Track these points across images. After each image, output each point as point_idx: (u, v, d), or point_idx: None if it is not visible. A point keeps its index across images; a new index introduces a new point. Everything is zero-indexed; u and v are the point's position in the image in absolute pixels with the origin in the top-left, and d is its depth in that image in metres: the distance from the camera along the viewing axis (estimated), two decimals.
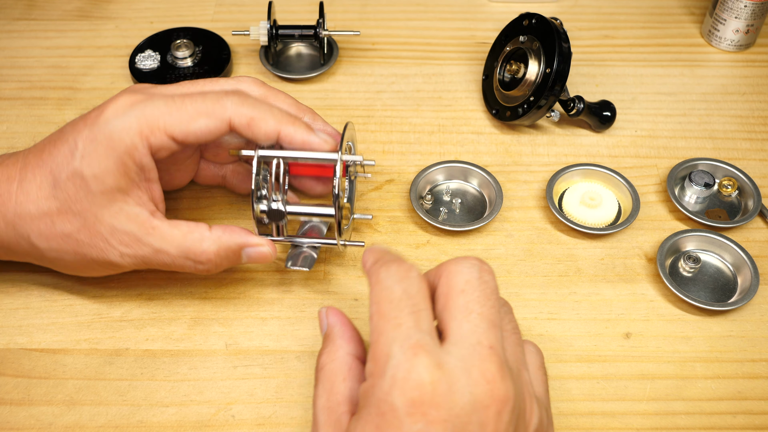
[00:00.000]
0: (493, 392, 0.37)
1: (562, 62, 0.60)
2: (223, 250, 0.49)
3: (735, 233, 0.59)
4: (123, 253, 0.48)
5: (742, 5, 0.69)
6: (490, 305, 0.40)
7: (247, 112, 0.48)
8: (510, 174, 0.63)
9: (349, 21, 0.75)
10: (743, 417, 0.49)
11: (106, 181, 0.46)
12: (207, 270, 0.49)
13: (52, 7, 0.76)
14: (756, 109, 0.68)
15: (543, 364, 0.46)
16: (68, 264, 0.50)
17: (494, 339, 0.38)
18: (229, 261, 0.50)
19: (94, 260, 0.48)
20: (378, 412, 0.36)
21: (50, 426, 0.48)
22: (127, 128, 0.46)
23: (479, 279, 0.40)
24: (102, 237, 0.47)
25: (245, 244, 0.49)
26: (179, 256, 0.48)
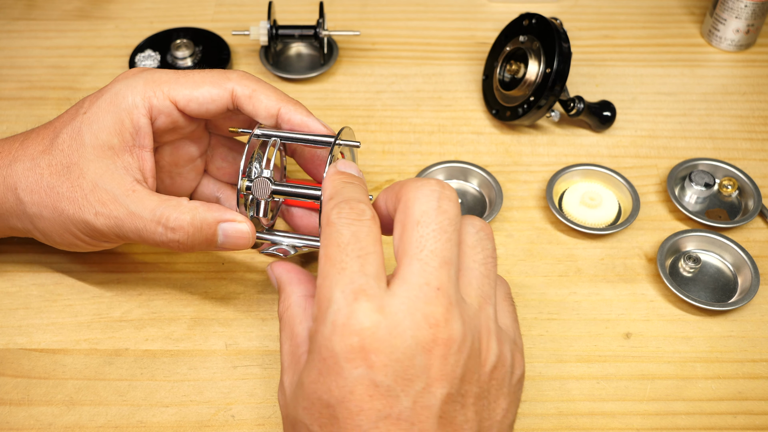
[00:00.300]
0: (436, 335, 0.36)
1: (562, 62, 0.60)
2: (198, 221, 0.47)
3: (735, 233, 0.59)
4: (98, 212, 0.47)
5: (743, 5, 0.69)
6: (445, 239, 0.38)
7: (250, 84, 0.49)
8: (510, 174, 0.63)
9: (349, 21, 0.75)
10: (744, 417, 0.49)
11: (100, 136, 0.47)
12: (179, 243, 0.47)
13: (52, 7, 0.76)
14: (756, 109, 0.68)
15: (509, 294, 0.45)
16: (46, 223, 0.48)
17: (444, 278, 0.38)
18: (203, 236, 0.47)
19: (69, 219, 0.47)
20: (320, 357, 0.37)
21: (50, 426, 0.48)
22: (132, 87, 0.48)
23: (437, 209, 0.39)
24: (82, 192, 0.47)
25: (221, 218, 0.47)
26: (152, 220, 0.46)
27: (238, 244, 0.48)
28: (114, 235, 0.47)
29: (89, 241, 0.49)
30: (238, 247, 0.48)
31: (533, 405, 0.50)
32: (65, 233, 0.48)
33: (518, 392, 0.42)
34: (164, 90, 0.48)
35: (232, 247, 0.48)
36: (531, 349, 0.52)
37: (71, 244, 0.49)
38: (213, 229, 0.47)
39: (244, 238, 0.48)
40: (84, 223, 0.47)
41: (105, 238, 0.48)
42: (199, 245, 0.47)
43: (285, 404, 0.41)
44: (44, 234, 0.49)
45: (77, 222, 0.47)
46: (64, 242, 0.49)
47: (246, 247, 0.48)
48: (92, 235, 0.48)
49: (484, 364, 0.39)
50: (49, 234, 0.49)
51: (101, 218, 0.47)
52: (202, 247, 0.48)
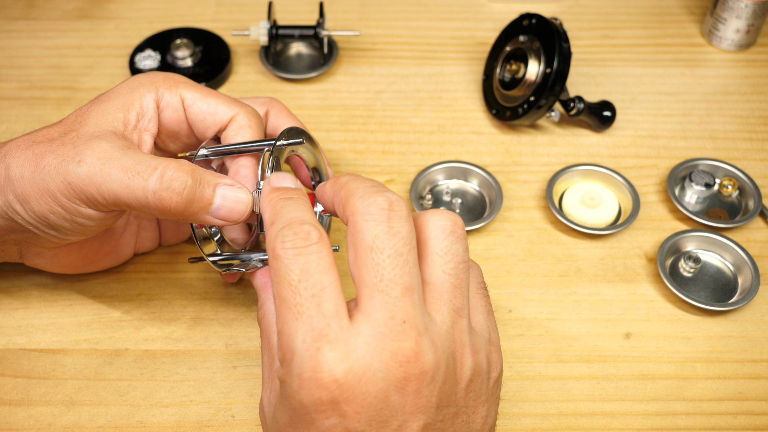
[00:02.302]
0: (407, 372, 0.35)
1: (562, 62, 0.60)
2: (198, 176, 0.43)
3: (735, 233, 0.59)
4: (82, 160, 0.43)
5: (743, 5, 0.69)
6: (402, 263, 0.36)
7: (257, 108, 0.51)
8: (510, 174, 0.63)
9: (349, 21, 0.75)
10: (744, 417, 0.49)
11: (107, 111, 0.46)
12: (173, 198, 0.43)
13: (51, 6, 0.76)
14: (756, 108, 0.68)
15: (482, 282, 0.43)
16: (26, 186, 0.44)
17: (409, 307, 0.36)
18: (200, 194, 0.44)
19: (49, 174, 0.43)
20: (290, 406, 0.36)
21: (49, 426, 0.48)
22: (150, 77, 0.48)
23: (389, 232, 0.37)
24: (72, 145, 0.44)
25: (221, 181, 0.44)
26: (148, 167, 0.43)
27: (233, 211, 0.44)
28: (96, 191, 0.43)
29: (66, 204, 0.44)
30: (232, 215, 0.45)
31: (533, 405, 0.50)
32: (43, 195, 0.44)
33: (496, 393, 0.41)
34: (178, 86, 0.48)
35: (225, 215, 0.44)
36: (531, 349, 0.52)
37: (45, 218, 0.45)
38: (212, 187, 0.44)
39: (242, 203, 0.45)
40: (64, 174, 0.43)
41: (84, 199, 0.44)
42: (193, 205, 0.44)
43: (265, 427, 0.40)
44: (22, 201, 0.45)
45: (57, 175, 0.43)
46: (41, 213, 0.45)
47: (240, 218, 0.45)
48: (70, 193, 0.44)
49: (460, 381, 0.38)
50: (26, 199, 0.44)
51: (84, 166, 0.43)
52: (194, 208, 0.44)
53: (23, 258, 0.51)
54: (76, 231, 0.46)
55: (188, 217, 0.44)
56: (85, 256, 0.52)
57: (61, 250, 0.50)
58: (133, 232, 0.54)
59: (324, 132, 0.65)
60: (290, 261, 0.37)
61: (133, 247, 0.55)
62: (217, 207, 0.44)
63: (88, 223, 0.46)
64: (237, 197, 0.45)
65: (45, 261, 0.51)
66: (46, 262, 0.51)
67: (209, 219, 0.45)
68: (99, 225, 0.47)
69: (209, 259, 0.48)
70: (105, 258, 0.53)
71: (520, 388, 0.50)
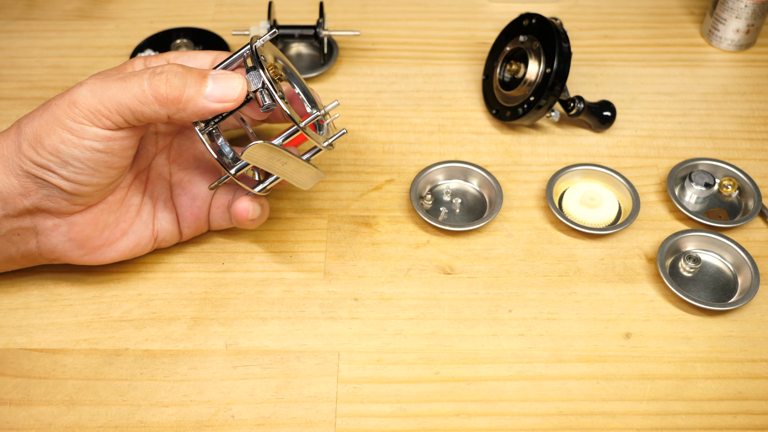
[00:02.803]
0: None
1: (562, 62, 0.60)
2: (188, 67, 0.48)
3: (735, 233, 0.59)
4: (86, 82, 0.47)
5: (743, 5, 0.69)
6: None
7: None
8: (510, 174, 0.63)
9: (349, 21, 0.75)
10: (744, 417, 0.49)
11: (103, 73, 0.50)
12: (166, 86, 0.46)
13: (52, 7, 0.76)
14: (756, 109, 0.68)
15: None
16: (35, 125, 0.47)
17: None
18: (192, 79, 0.47)
19: (57, 104, 0.47)
20: None
21: (50, 426, 0.48)
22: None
23: None
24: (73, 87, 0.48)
25: (212, 71, 0.48)
26: (140, 68, 0.47)
27: (227, 89, 0.47)
28: (97, 101, 0.46)
29: (73, 127, 0.46)
30: (227, 94, 0.47)
31: (533, 405, 0.50)
32: (52, 125, 0.46)
33: None
34: (168, 57, 0.51)
35: (221, 95, 0.47)
36: (531, 349, 0.52)
37: (57, 150, 0.47)
38: (202, 74, 0.47)
39: (234, 81, 0.47)
40: (69, 98, 0.46)
41: (88, 113, 0.46)
42: (187, 89, 0.46)
43: None
44: (34, 144, 0.47)
45: (62, 102, 0.47)
46: (52, 146, 0.46)
47: (236, 97, 0.47)
48: (75, 113, 0.46)
49: None
50: (38, 137, 0.47)
51: (85, 85, 0.47)
52: (190, 92, 0.47)
53: (39, 240, 0.50)
54: (88, 165, 0.47)
55: (186, 106, 0.47)
56: (102, 231, 0.51)
57: (77, 221, 0.50)
58: (149, 212, 0.53)
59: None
60: None
61: (152, 230, 0.54)
62: (211, 89, 0.47)
63: (96, 145, 0.47)
64: (228, 76, 0.47)
65: (62, 239, 0.50)
66: (62, 240, 0.50)
67: (208, 104, 0.47)
68: (107, 151, 0.47)
69: (230, 172, 0.51)
70: (123, 239, 0.52)
71: (520, 388, 0.50)
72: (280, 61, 0.53)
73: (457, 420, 0.49)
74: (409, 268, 0.56)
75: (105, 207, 0.51)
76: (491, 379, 0.51)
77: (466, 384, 0.51)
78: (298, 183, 0.52)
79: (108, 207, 0.51)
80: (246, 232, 0.58)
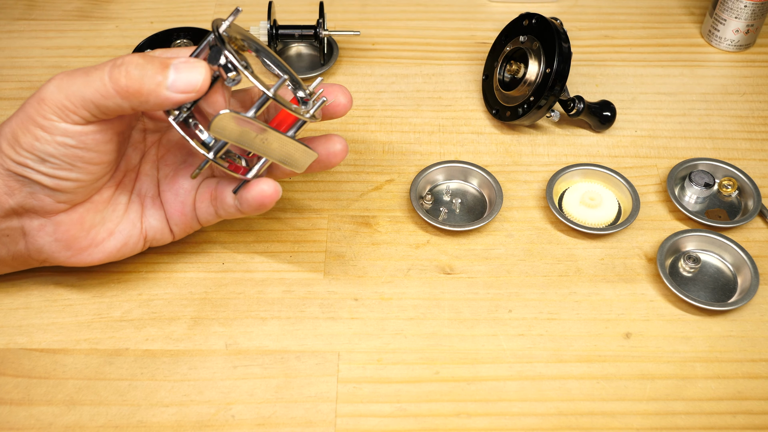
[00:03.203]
0: None
1: (562, 62, 0.60)
2: (149, 56, 0.46)
3: (735, 233, 0.59)
4: (54, 78, 0.46)
5: (742, 5, 0.69)
6: None
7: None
8: (510, 174, 0.63)
9: (349, 21, 0.75)
10: (743, 417, 0.49)
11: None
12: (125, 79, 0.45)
13: (52, 7, 0.76)
14: (756, 109, 0.68)
15: None
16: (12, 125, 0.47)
17: None
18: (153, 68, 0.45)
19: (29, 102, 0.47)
20: None
21: (50, 426, 0.48)
22: None
23: None
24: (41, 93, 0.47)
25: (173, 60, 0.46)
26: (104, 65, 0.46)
27: (190, 80, 0.45)
28: (63, 96, 0.45)
29: (43, 123, 0.46)
30: (190, 84, 0.46)
31: (533, 405, 0.50)
32: (25, 123, 0.46)
33: None
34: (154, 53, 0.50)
35: (184, 86, 0.46)
36: (531, 349, 0.52)
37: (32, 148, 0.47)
38: (163, 63, 0.46)
39: (197, 70, 0.46)
40: (38, 96, 0.46)
41: (56, 108, 0.46)
42: (148, 80, 0.45)
43: None
44: (12, 143, 0.47)
45: (33, 100, 0.46)
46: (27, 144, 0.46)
47: (198, 86, 0.46)
48: (45, 110, 0.46)
49: None
50: (14, 135, 0.47)
51: (52, 82, 0.46)
52: (151, 84, 0.45)
53: (27, 240, 0.50)
54: (65, 161, 0.47)
55: (148, 98, 0.46)
56: (88, 231, 0.50)
57: (63, 220, 0.49)
58: (137, 211, 0.53)
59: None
60: None
61: (140, 229, 0.53)
62: (173, 80, 0.45)
63: (68, 141, 0.46)
64: (190, 65, 0.46)
65: (49, 239, 0.50)
66: (50, 241, 0.50)
67: (171, 95, 0.46)
68: (80, 147, 0.47)
69: (209, 155, 0.49)
70: (110, 239, 0.52)
71: (520, 388, 0.50)
72: (247, 40, 0.51)
73: (457, 420, 0.49)
74: (409, 268, 0.56)
75: (91, 206, 0.50)
76: (491, 379, 0.51)
77: (466, 384, 0.51)
78: (289, 164, 0.50)
79: (94, 206, 0.50)
80: (246, 232, 0.58)
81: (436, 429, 0.49)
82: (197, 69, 0.46)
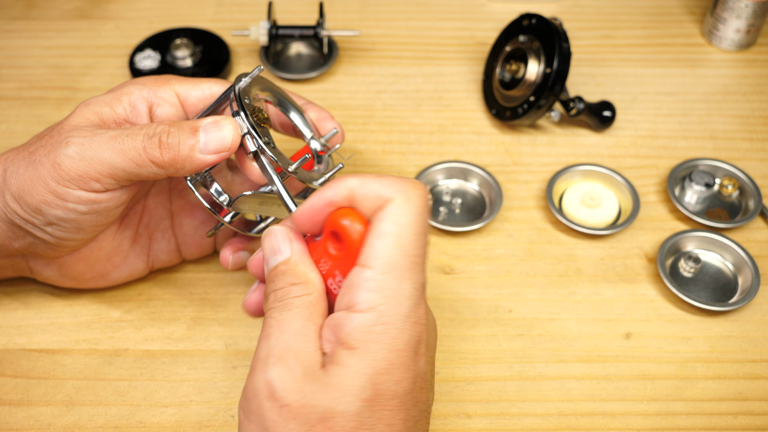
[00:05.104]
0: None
1: (562, 62, 0.60)
2: (178, 122, 0.46)
3: (735, 233, 0.59)
4: (71, 141, 0.44)
5: (743, 5, 0.69)
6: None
7: None
8: (510, 174, 0.63)
9: (349, 21, 0.75)
10: (744, 417, 0.49)
11: (91, 104, 0.48)
12: (160, 150, 0.44)
13: (51, 6, 0.76)
14: (757, 108, 0.68)
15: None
16: (21, 180, 0.45)
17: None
18: (184, 133, 0.45)
19: (41, 163, 0.45)
20: None
21: (49, 426, 0.48)
22: (140, 80, 0.49)
23: None
24: (59, 133, 0.46)
25: (203, 123, 0.45)
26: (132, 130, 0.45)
27: (221, 141, 0.45)
28: (87, 165, 0.44)
29: (56, 189, 0.45)
30: (223, 144, 0.45)
31: (533, 405, 0.50)
32: (35, 185, 0.45)
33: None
34: (170, 83, 0.49)
35: (216, 147, 0.45)
36: (531, 349, 0.52)
37: (39, 210, 0.45)
38: (193, 128, 0.45)
39: (226, 130, 0.45)
40: (54, 159, 0.44)
41: (75, 176, 0.44)
42: (181, 148, 0.45)
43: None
44: (18, 198, 0.45)
45: (47, 162, 0.45)
46: (34, 205, 0.45)
47: (230, 144, 0.45)
48: (60, 176, 0.44)
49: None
50: (21, 194, 0.45)
51: (72, 145, 0.44)
52: (184, 151, 0.45)
53: (33, 273, 0.51)
54: (72, 224, 0.46)
55: (184, 164, 0.45)
56: (93, 266, 0.51)
57: (67, 260, 0.50)
58: (144, 244, 0.53)
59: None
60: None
61: (146, 260, 0.53)
62: (204, 143, 0.45)
63: (79, 207, 0.45)
64: (220, 126, 0.45)
65: (54, 273, 0.51)
66: (55, 274, 0.51)
67: (204, 158, 0.45)
68: (91, 212, 0.46)
69: (225, 220, 0.49)
70: (115, 271, 0.52)
71: (520, 388, 0.50)
72: (269, 90, 0.51)
73: (457, 420, 0.49)
74: None
75: (95, 245, 0.50)
76: (491, 379, 0.51)
77: (466, 384, 0.51)
78: None
79: (98, 244, 0.50)
80: None
81: (436, 429, 0.49)
82: (225, 129, 0.45)
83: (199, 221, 0.53)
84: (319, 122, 0.53)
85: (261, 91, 0.50)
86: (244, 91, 0.47)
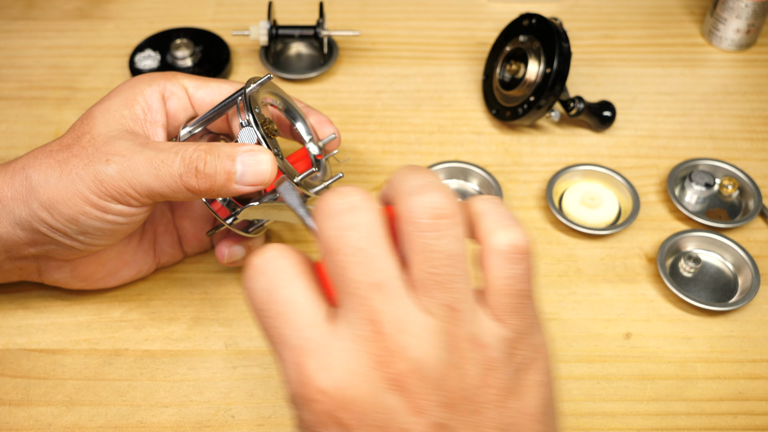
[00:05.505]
0: (392, 372, 0.33)
1: (562, 62, 0.60)
2: (216, 149, 0.45)
3: (735, 233, 0.59)
4: (110, 159, 0.45)
5: (743, 5, 0.69)
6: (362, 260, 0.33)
7: None
8: (510, 174, 0.62)
9: (349, 21, 0.75)
10: (744, 418, 0.49)
11: (111, 108, 0.48)
12: (197, 179, 0.45)
13: (51, 6, 0.76)
14: (757, 108, 0.68)
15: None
16: (52, 191, 0.45)
17: (381, 305, 0.33)
18: (222, 167, 0.45)
19: (78, 175, 0.45)
20: (298, 425, 0.35)
21: (49, 426, 0.48)
22: (148, 76, 0.50)
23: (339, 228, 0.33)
24: (93, 146, 0.46)
25: (240, 150, 0.45)
26: (170, 152, 0.45)
27: (257, 173, 0.45)
28: (127, 184, 0.45)
29: (98, 203, 0.45)
30: (259, 177, 0.45)
31: None
32: (73, 197, 0.45)
33: (530, 386, 0.38)
34: (177, 77, 0.50)
35: (252, 179, 0.45)
36: None
37: (75, 220, 0.46)
38: (231, 157, 0.45)
39: (263, 163, 0.45)
40: (94, 174, 0.45)
41: (117, 196, 0.45)
42: (218, 178, 0.45)
43: None
44: (49, 208, 0.45)
45: (86, 176, 0.45)
46: (70, 216, 0.46)
47: (266, 178, 0.46)
48: (102, 191, 0.45)
49: (467, 377, 0.35)
50: (54, 204, 0.45)
51: (113, 164, 0.45)
52: (221, 180, 0.45)
53: (42, 275, 0.51)
54: (105, 232, 0.47)
55: (219, 192, 0.46)
56: (105, 265, 0.51)
57: (81, 262, 0.50)
58: (150, 239, 0.53)
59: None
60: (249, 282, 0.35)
61: (153, 255, 0.54)
62: (241, 174, 0.45)
63: (119, 219, 0.47)
64: (255, 157, 0.45)
65: (64, 275, 0.51)
66: (65, 276, 0.51)
67: (240, 188, 0.46)
68: (128, 223, 0.47)
69: (226, 222, 0.50)
70: (125, 269, 0.53)
71: None
72: (276, 94, 0.52)
73: None
74: None
75: (108, 247, 0.51)
76: None
77: None
78: (291, 221, 0.53)
79: (111, 246, 0.51)
80: None
81: None
82: (263, 163, 0.45)
83: (198, 214, 0.54)
84: (318, 126, 0.54)
85: (269, 95, 0.51)
86: (253, 99, 0.48)
